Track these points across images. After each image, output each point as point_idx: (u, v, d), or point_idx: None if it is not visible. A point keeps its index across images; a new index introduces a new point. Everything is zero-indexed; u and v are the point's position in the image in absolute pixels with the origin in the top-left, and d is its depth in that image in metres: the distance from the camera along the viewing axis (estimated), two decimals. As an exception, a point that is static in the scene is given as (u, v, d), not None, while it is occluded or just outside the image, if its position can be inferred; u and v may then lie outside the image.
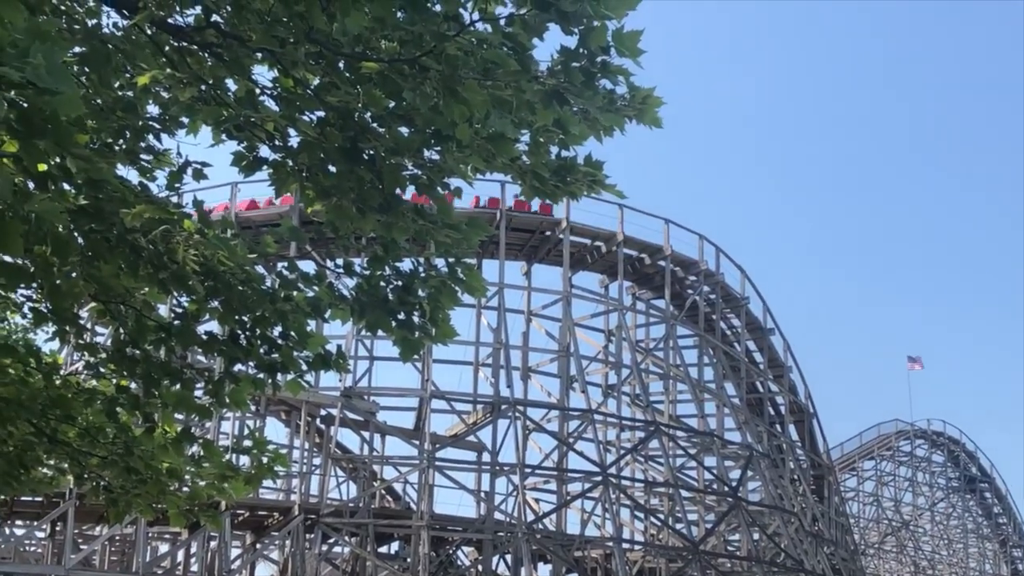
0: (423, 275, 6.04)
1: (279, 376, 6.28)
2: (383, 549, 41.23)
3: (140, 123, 5.61)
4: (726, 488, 41.66)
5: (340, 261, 6.14)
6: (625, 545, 39.91)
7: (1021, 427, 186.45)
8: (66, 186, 5.11)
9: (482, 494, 39.28)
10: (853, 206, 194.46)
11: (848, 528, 56.81)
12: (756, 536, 41.99)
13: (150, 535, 37.45)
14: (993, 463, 79.03)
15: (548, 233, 41.74)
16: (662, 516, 43.99)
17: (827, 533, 48.38)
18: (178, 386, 6.37)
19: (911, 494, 73.77)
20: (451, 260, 5.98)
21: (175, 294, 6.00)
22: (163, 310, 6.72)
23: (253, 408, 37.41)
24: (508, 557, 38.76)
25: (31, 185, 4.86)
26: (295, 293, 6.05)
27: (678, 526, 41.50)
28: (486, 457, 38.88)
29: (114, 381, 6.72)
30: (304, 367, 6.27)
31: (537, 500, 43.61)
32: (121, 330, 6.22)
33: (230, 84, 5.31)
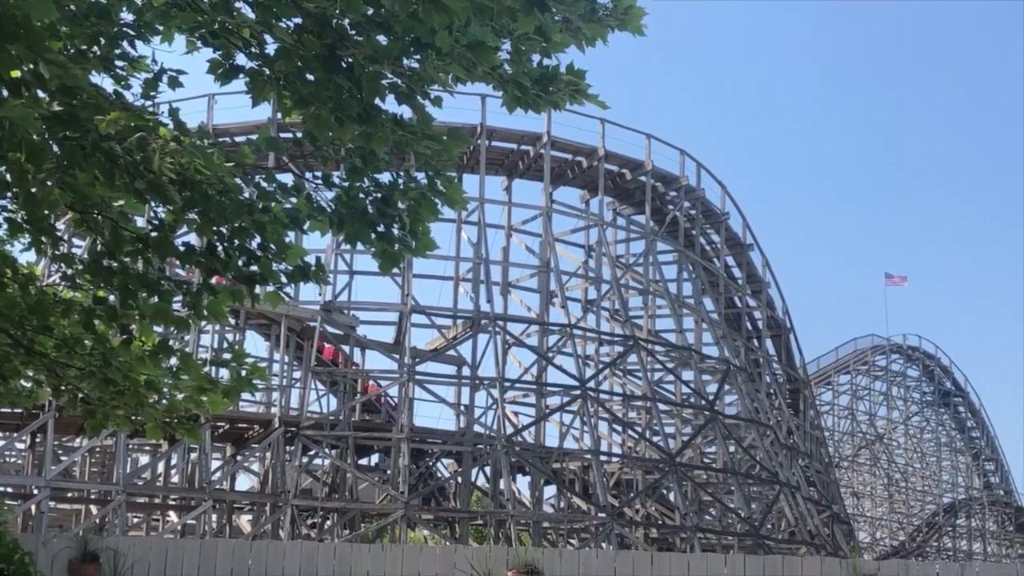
0: (403, 187, 5.98)
1: (258, 288, 6.24)
2: (363, 461, 41.58)
3: (114, 29, 5.49)
4: (703, 402, 42.04)
5: (319, 172, 6.07)
6: (603, 457, 40.32)
7: (996, 342, 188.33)
8: (40, 93, 5.02)
9: (462, 407, 39.52)
10: (833, 123, 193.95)
11: (823, 441, 57.50)
12: (732, 449, 42.47)
13: (130, 447, 37.64)
14: (967, 377, 79.92)
15: (529, 148, 41.53)
16: (639, 429, 44.40)
17: (802, 446, 48.95)
18: (156, 298, 6.33)
19: (885, 408, 74.62)
20: (431, 172, 5.91)
21: (152, 204, 5.93)
22: (141, 222, 6.66)
23: (233, 321, 37.38)
24: (487, 469, 39.15)
25: (4, 92, 4.77)
26: (273, 204, 5.99)
27: (655, 439, 41.88)
28: (466, 371, 39.05)
29: (91, 292, 6.67)
30: (283, 279, 6.23)
31: (516, 413, 43.97)
32: (98, 241, 6.16)
33: (205, -11, 5.19)
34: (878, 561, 15.87)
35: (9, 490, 34.72)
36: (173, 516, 38.78)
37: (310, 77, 5.20)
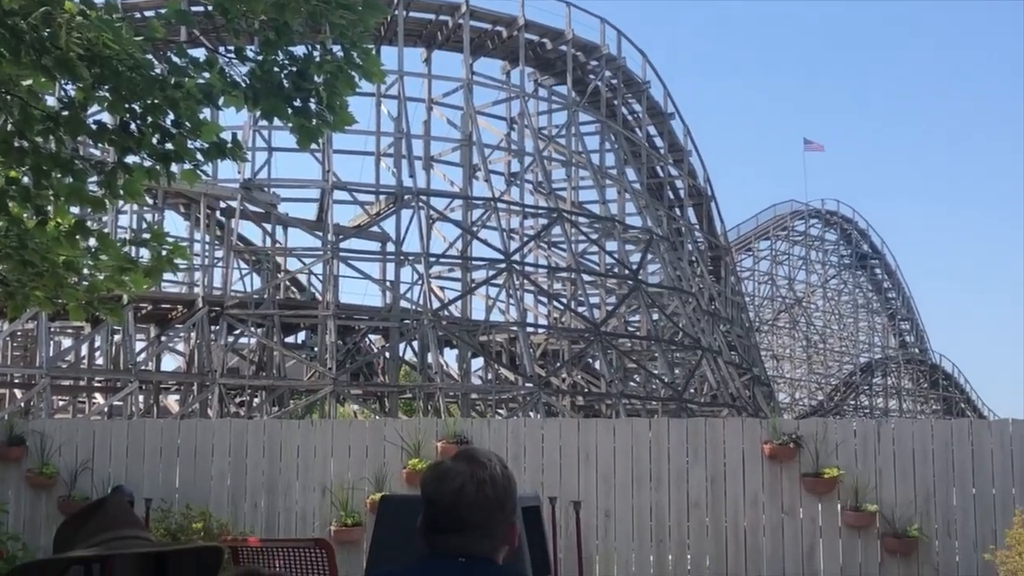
0: (319, 60, 5.89)
1: (174, 166, 6.15)
2: (290, 339, 41.61)
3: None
4: (627, 271, 42.49)
5: (232, 47, 5.95)
6: (529, 329, 40.76)
7: (910, 203, 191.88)
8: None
9: (387, 283, 39.56)
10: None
11: (744, 306, 58.53)
12: (655, 316, 43.14)
13: (53, 330, 37.25)
14: (884, 240, 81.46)
15: (447, 18, 40.90)
16: (565, 300, 44.82)
17: (723, 312, 49.84)
18: (70, 177, 6.21)
19: (804, 272, 75.89)
20: (347, 44, 5.82)
21: (61, 82, 5.79)
22: (51, 100, 6.50)
23: (151, 201, 36.86)
24: (415, 344, 39.41)
25: None
26: (186, 80, 5.86)
27: (580, 309, 42.37)
28: (390, 247, 38.98)
29: (3, 173, 6.53)
30: (199, 156, 6.14)
31: (442, 288, 44.11)
32: (7, 120, 6.02)
33: None
34: (797, 420, 16.36)
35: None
36: (99, 398, 38.62)
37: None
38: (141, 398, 36.55)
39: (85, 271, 7.25)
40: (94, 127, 6.03)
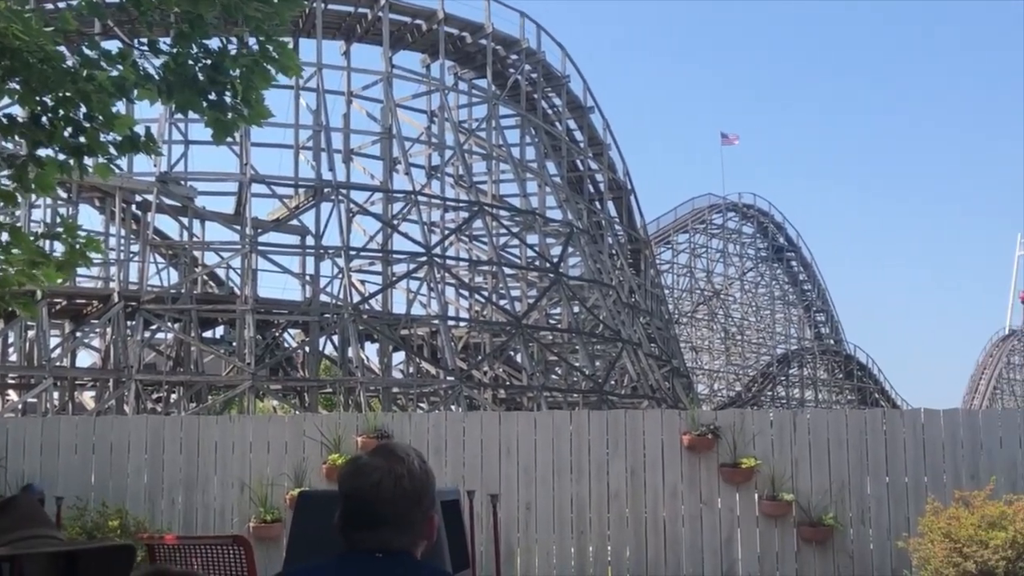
0: (234, 53, 5.83)
1: (87, 160, 6.06)
2: (208, 334, 41.15)
3: None
4: (547, 264, 42.64)
5: (145, 39, 5.87)
6: (450, 322, 40.75)
7: (825, 197, 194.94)
8: None
9: (307, 277, 39.27)
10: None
11: (663, 299, 59.06)
12: (576, 309, 43.35)
13: (-37, 327, 36.45)
14: (799, 232, 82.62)
15: (366, 11, 40.66)
16: (486, 293, 44.87)
17: (643, 304, 50.23)
18: (-21, 172, 6.10)
19: (722, 265, 76.77)
20: (263, 37, 5.77)
21: (-32, 74, 5.67)
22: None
23: (65, 195, 36.20)
24: (335, 338, 39.18)
25: None
26: (98, 72, 5.77)
27: (502, 302, 42.43)
28: (310, 241, 38.71)
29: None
30: (112, 150, 6.05)
31: (363, 282, 43.90)
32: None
33: None
34: (716, 411, 16.57)
35: None
36: (13, 395, 37.90)
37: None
38: (56, 395, 35.95)
39: (-5, 266, 7.12)
40: (4, 120, 5.92)
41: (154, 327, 36.31)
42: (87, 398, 39.73)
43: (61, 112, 5.82)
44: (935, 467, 12.56)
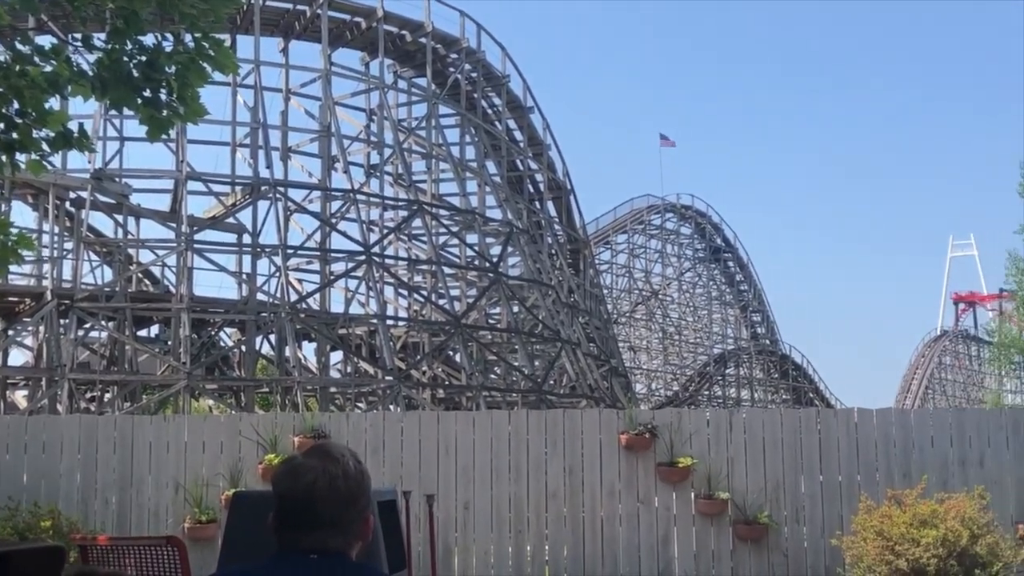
0: (169, 50, 5.78)
1: (18, 156, 5.98)
2: (142, 333, 40.66)
3: None
4: (487, 264, 42.64)
5: (79, 35, 5.80)
6: (389, 321, 40.57)
7: (761, 199, 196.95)
8: None
9: (243, 276, 38.95)
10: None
11: (602, 299, 59.30)
12: (516, 309, 43.40)
13: None
14: (736, 234, 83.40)
15: (305, 8, 40.41)
16: (425, 293, 44.76)
17: (582, 304, 50.40)
18: (-92, 167, 5.99)
19: (661, 265, 77.22)
20: (199, 34, 5.72)
21: None
22: None
23: (-4, 192, 35.59)
24: (272, 337, 38.90)
25: None
26: (31, 68, 5.70)
27: (441, 302, 42.37)
28: (247, 239, 38.38)
29: None
30: (45, 146, 5.97)
31: (300, 281, 43.62)
32: None
33: None
34: (653, 411, 16.67)
35: None
36: (-59, 396, 37.20)
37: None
38: (-14, 394, 35.33)
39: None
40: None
41: (88, 325, 35.82)
42: (19, 397, 39.11)
43: (-8, 108, 5.74)
44: (868, 466, 12.73)
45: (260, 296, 38.25)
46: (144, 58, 5.68)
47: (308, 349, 42.07)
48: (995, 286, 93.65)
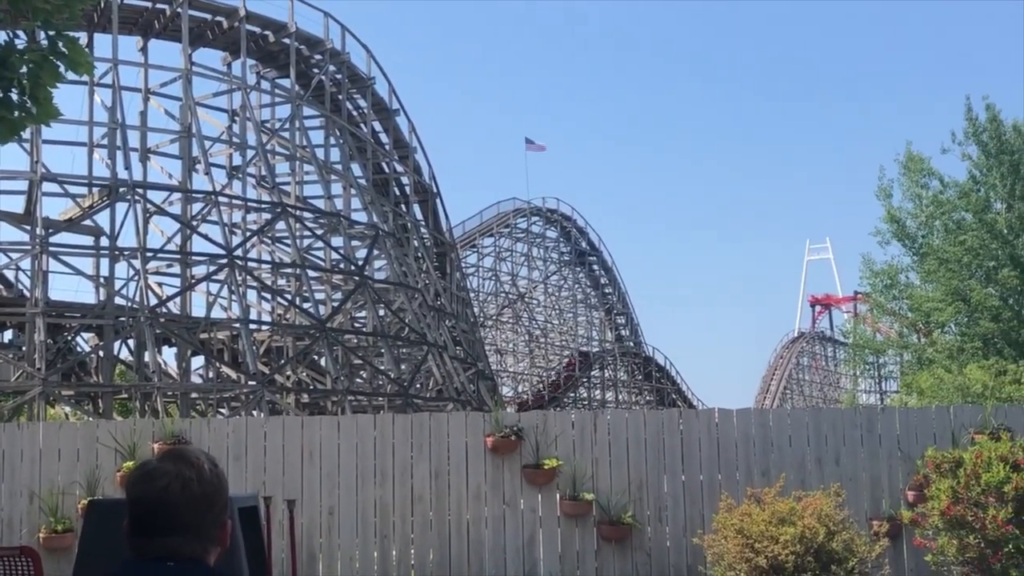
0: (21, 48, 5.61)
1: None
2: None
3: None
4: (352, 267, 42.38)
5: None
6: (252, 326, 40.04)
7: (625, 204, 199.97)
8: None
9: (101, 279, 38.00)
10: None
11: (468, 302, 59.38)
12: (382, 312, 43.21)
13: None
14: (601, 238, 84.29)
15: (165, 7, 39.61)
16: (289, 296, 44.27)
17: (449, 307, 50.42)
18: None
19: (527, 268, 77.62)
20: (52, 32, 5.56)
21: None
22: None
23: None
24: (131, 342, 38.04)
25: None
26: None
27: (305, 305, 41.95)
28: (104, 242, 37.48)
29: None
30: None
31: (160, 284, 42.73)
32: None
33: None
34: (519, 413, 16.78)
35: None
36: None
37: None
38: None
39: None
40: None
41: (-65, 332, 34.55)
42: None
43: None
44: (729, 465, 13.00)
45: (118, 300, 37.37)
46: (-6, 56, 5.51)
47: (168, 354, 41.26)
48: (850, 288, 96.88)
